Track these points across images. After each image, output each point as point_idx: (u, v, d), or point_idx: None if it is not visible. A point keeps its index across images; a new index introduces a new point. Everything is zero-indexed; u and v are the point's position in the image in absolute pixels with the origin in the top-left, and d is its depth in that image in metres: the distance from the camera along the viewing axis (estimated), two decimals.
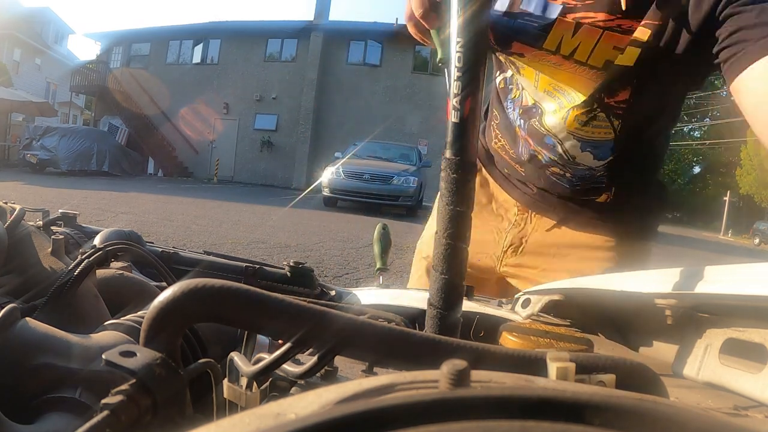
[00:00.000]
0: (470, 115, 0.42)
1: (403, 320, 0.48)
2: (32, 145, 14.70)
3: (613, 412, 0.16)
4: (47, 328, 0.46)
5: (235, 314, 0.30)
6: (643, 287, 0.51)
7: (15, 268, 0.67)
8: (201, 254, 0.99)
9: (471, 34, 0.41)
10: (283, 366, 0.34)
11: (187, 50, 20.62)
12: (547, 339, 0.54)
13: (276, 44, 19.12)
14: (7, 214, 0.73)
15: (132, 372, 0.30)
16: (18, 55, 23.23)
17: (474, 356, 0.29)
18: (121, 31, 21.80)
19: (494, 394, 0.17)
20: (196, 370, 0.35)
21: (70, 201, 7.54)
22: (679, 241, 15.21)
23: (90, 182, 11.91)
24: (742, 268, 0.42)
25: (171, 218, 7.02)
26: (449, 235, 0.42)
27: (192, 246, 4.19)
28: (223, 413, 0.39)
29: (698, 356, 0.48)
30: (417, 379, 0.22)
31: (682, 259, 9.33)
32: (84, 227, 1.00)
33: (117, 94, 19.62)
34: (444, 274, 0.42)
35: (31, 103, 16.63)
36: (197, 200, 10.15)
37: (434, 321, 0.43)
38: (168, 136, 19.60)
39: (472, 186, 0.43)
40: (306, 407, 0.19)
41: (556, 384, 0.24)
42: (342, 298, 0.90)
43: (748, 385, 0.42)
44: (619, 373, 0.29)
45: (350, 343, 0.30)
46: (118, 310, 0.65)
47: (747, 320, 0.45)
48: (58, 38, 27.42)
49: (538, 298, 0.65)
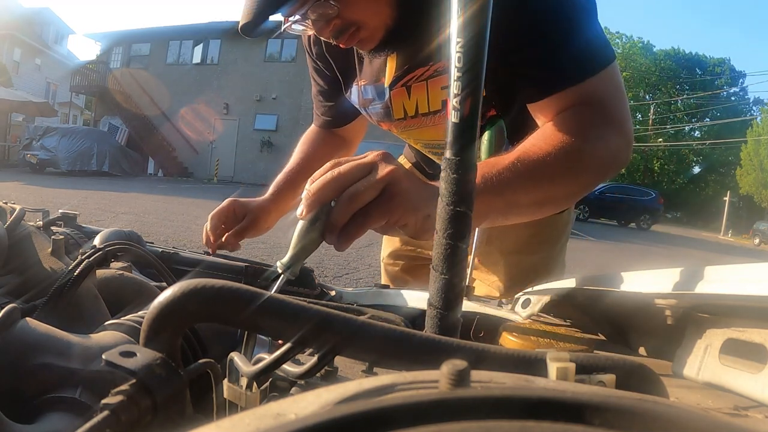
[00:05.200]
0: (470, 115, 0.42)
1: (403, 320, 0.48)
2: (32, 145, 14.70)
3: (613, 412, 0.16)
4: (47, 328, 0.46)
5: (235, 314, 0.30)
6: (643, 287, 0.50)
7: (15, 268, 0.67)
8: (201, 254, 0.99)
9: (471, 34, 0.41)
10: (283, 366, 0.34)
11: (187, 50, 20.62)
12: (547, 339, 0.54)
13: (276, 44, 19.11)
14: (7, 214, 0.73)
15: (132, 372, 0.30)
16: (18, 55, 23.24)
17: (474, 356, 0.29)
18: (121, 31, 21.80)
19: (494, 395, 0.17)
20: (196, 370, 0.35)
21: (70, 201, 7.54)
22: (679, 241, 15.21)
23: (90, 182, 11.91)
24: (742, 268, 0.42)
25: (171, 218, 7.01)
26: (449, 236, 0.42)
27: (192, 246, 4.19)
28: (223, 413, 0.39)
29: (698, 356, 0.48)
30: (417, 379, 0.22)
31: (682, 259, 9.33)
32: (84, 227, 1.00)
33: (117, 95, 19.63)
34: (444, 274, 0.42)
35: (31, 103, 16.62)
36: (197, 200, 10.15)
37: (434, 321, 0.43)
38: (168, 136, 19.59)
39: (472, 186, 0.43)
40: (306, 407, 0.19)
41: (556, 384, 0.24)
42: (342, 298, 0.90)
43: (748, 385, 0.42)
44: (619, 373, 0.29)
45: (350, 343, 0.30)
46: (118, 310, 0.65)
47: (747, 320, 0.45)
48: (58, 38, 27.42)
49: (538, 298, 0.65)
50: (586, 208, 18.01)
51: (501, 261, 1.10)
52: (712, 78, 35.92)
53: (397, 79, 0.91)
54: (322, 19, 0.73)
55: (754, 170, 28.66)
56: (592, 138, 0.70)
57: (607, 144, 0.72)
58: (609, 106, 0.73)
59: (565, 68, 0.72)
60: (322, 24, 0.74)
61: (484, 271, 1.13)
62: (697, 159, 35.52)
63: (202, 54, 20.34)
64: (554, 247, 1.14)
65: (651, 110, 33.45)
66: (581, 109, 0.72)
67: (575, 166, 0.69)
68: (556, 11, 0.71)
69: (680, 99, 35.45)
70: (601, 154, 0.72)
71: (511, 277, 1.09)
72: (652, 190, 21.26)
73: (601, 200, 18.34)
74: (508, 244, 1.09)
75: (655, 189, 22.67)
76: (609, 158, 0.73)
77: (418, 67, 0.87)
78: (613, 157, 0.73)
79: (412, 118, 0.95)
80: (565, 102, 0.72)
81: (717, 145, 31.65)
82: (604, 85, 0.73)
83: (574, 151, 0.67)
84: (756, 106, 35.06)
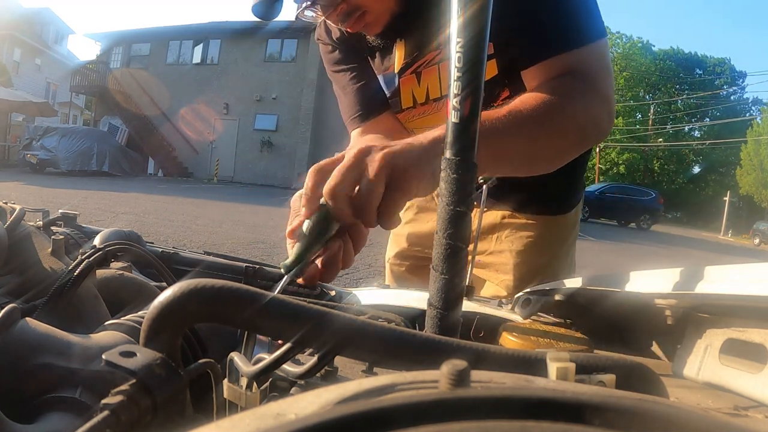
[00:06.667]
0: (470, 115, 0.42)
1: (403, 320, 0.48)
2: (32, 145, 14.70)
3: (613, 412, 0.16)
4: (47, 328, 0.46)
5: (235, 314, 0.30)
6: (643, 287, 0.50)
7: (15, 268, 0.67)
8: (201, 254, 0.99)
9: (471, 34, 0.41)
10: (283, 366, 0.34)
11: (187, 50, 20.62)
12: (547, 339, 0.54)
13: (276, 44, 19.11)
14: (7, 214, 0.73)
15: (132, 372, 0.30)
16: (18, 55, 23.24)
17: (474, 356, 0.29)
18: (121, 31, 21.80)
19: (494, 395, 0.17)
20: (196, 370, 0.35)
21: (70, 201, 7.54)
22: (679, 241, 15.21)
23: (90, 182, 11.91)
24: (742, 268, 0.42)
25: (171, 218, 7.02)
26: (449, 236, 0.42)
27: (192, 246, 4.19)
28: (223, 413, 0.39)
29: (698, 356, 0.48)
30: (417, 379, 0.22)
31: (682, 259, 9.33)
32: (84, 227, 1.00)
33: (117, 95, 19.62)
34: (444, 274, 0.42)
35: (31, 103, 16.63)
36: (197, 200, 10.15)
37: (434, 321, 0.43)
38: (168, 136, 19.59)
39: (472, 186, 0.43)
40: (306, 407, 0.19)
41: (556, 384, 0.24)
42: (342, 298, 0.90)
43: (748, 385, 0.42)
44: (619, 373, 0.29)
45: (350, 343, 0.30)
46: (118, 310, 0.65)
47: (747, 320, 0.45)
48: (58, 38, 27.42)
49: (538, 298, 0.65)
50: (586, 208, 17.99)
51: (511, 261, 1.12)
52: (712, 78, 35.94)
53: (407, 66, 0.92)
54: (330, 4, 0.77)
55: (754, 170, 28.67)
56: (576, 101, 0.74)
57: (589, 109, 0.76)
58: (595, 78, 0.77)
59: (552, 38, 0.76)
60: (329, 8, 0.78)
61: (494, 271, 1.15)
62: (697, 159, 35.53)
63: (202, 54, 20.33)
64: (561, 247, 1.16)
65: (651, 110, 33.44)
66: (568, 78, 0.76)
67: (558, 125, 0.73)
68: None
69: (680, 99, 35.45)
70: (584, 117, 0.75)
71: (521, 277, 1.11)
72: (652, 190, 21.27)
73: (601, 200, 18.35)
74: (518, 244, 1.12)
75: (655, 189, 22.68)
76: (591, 124, 0.77)
77: (428, 53, 0.89)
78: (595, 123, 0.77)
79: (423, 105, 0.95)
80: (553, 70, 0.76)
81: (717, 145, 31.64)
82: (591, 58, 0.77)
83: (557, 110, 0.71)
84: (756, 106, 35.11)
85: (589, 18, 0.78)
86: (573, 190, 1.16)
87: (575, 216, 1.19)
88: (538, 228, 1.11)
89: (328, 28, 1.01)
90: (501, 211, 1.13)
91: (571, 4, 0.78)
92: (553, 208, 1.13)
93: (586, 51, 0.77)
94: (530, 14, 0.77)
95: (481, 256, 1.14)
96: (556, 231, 1.14)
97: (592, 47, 0.77)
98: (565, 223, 1.16)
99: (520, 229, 1.11)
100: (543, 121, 0.70)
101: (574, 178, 1.14)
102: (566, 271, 1.16)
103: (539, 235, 1.11)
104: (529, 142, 0.71)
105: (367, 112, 1.02)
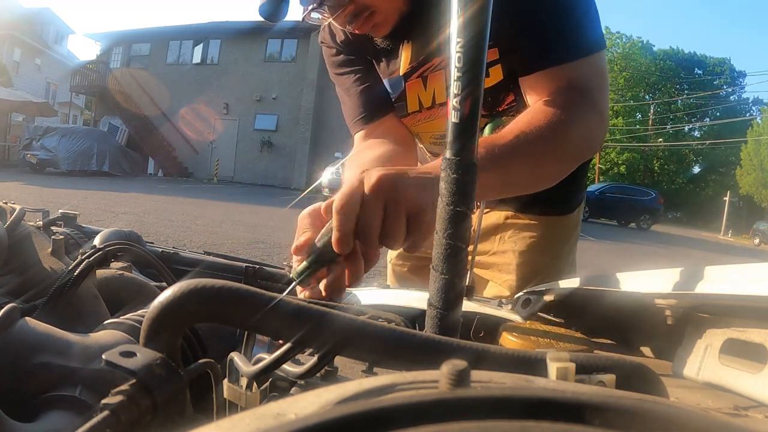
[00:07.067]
0: (470, 115, 0.42)
1: (403, 320, 0.48)
2: (32, 145, 14.70)
3: (613, 412, 0.16)
4: (47, 328, 0.46)
5: (235, 314, 0.30)
6: (643, 287, 0.50)
7: (15, 268, 0.67)
8: (201, 254, 0.99)
9: (471, 34, 0.41)
10: (283, 366, 0.34)
11: (187, 50, 20.62)
12: (547, 339, 0.54)
13: (276, 44, 19.11)
14: (7, 214, 0.73)
15: (132, 372, 0.30)
16: (18, 55, 23.23)
17: (474, 356, 0.29)
18: (121, 31, 21.80)
19: (494, 395, 0.17)
20: (196, 370, 0.35)
21: (70, 201, 7.54)
22: (679, 241, 15.21)
23: (90, 182, 11.91)
24: (742, 268, 0.42)
25: (171, 218, 7.02)
26: (449, 236, 0.42)
27: (192, 246, 4.18)
28: (223, 413, 0.39)
29: (698, 356, 0.48)
30: (417, 379, 0.22)
31: (682, 259, 9.32)
32: (84, 227, 1.00)
33: (117, 95, 19.62)
34: (444, 274, 0.42)
35: (31, 103, 16.62)
36: (197, 200, 10.15)
37: (434, 321, 0.43)
38: (168, 136, 19.59)
39: (472, 186, 0.43)
40: (306, 407, 0.19)
41: (556, 384, 0.24)
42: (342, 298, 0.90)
43: (748, 385, 0.42)
44: (619, 373, 0.29)
45: (350, 343, 0.30)
46: (118, 310, 0.65)
47: (747, 320, 0.45)
48: (58, 38, 27.42)
49: (538, 298, 0.65)
50: (586, 208, 17.95)
51: (514, 261, 1.13)
52: (711, 78, 35.92)
53: (413, 69, 0.91)
54: (337, 5, 0.75)
55: (754, 170, 28.67)
56: (578, 121, 0.73)
57: (591, 129, 0.76)
58: (594, 93, 0.76)
59: (554, 46, 0.76)
60: (337, 10, 0.76)
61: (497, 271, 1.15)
62: (697, 159, 35.53)
63: (202, 54, 20.33)
64: (564, 247, 1.16)
65: (651, 110, 33.43)
66: (571, 94, 0.75)
67: (562, 147, 0.73)
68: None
69: (680, 99, 35.44)
70: (585, 137, 0.76)
71: (524, 277, 1.11)
72: (652, 190, 21.25)
73: (601, 200, 18.33)
74: (520, 244, 1.12)
75: (655, 189, 22.66)
76: (590, 141, 0.77)
77: (435, 57, 0.88)
78: (593, 139, 0.78)
79: (429, 109, 0.96)
80: (553, 82, 0.75)
81: (717, 145, 31.64)
82: (591, 71, 0.76)
83: (561, 132, 0.71)
84: (756, 106, 35.09)
85: (590, 27, 0.78)
86: (575, 191, 1.16)
87: (577, 216, 1.19)
88: (541, 228, 1.11)
89: (332, 31, 1.00)
90: (504, 212, 1.13)
91: (574, 13, 0.77)
92: (555, 209, 1.13)
93: (587, 63, 0.76)
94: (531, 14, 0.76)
95: (484, 256, 1.15)
96: (558, 231, 1.15)
97: (592, 59, 0.77)
98: (567, 224, 1.16)
99: (523, 229, 1.12)
100: (548, 144, 0.69)
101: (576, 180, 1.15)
102: (568, 271, 1.17)
103: (542, 235, 1.12)
104: (535, 167, 0.71)
105: (370, 114, 1.00)
